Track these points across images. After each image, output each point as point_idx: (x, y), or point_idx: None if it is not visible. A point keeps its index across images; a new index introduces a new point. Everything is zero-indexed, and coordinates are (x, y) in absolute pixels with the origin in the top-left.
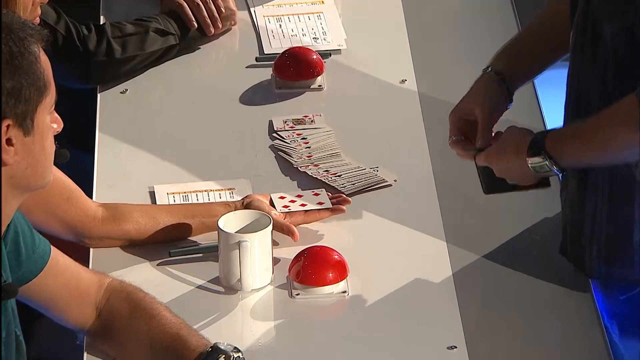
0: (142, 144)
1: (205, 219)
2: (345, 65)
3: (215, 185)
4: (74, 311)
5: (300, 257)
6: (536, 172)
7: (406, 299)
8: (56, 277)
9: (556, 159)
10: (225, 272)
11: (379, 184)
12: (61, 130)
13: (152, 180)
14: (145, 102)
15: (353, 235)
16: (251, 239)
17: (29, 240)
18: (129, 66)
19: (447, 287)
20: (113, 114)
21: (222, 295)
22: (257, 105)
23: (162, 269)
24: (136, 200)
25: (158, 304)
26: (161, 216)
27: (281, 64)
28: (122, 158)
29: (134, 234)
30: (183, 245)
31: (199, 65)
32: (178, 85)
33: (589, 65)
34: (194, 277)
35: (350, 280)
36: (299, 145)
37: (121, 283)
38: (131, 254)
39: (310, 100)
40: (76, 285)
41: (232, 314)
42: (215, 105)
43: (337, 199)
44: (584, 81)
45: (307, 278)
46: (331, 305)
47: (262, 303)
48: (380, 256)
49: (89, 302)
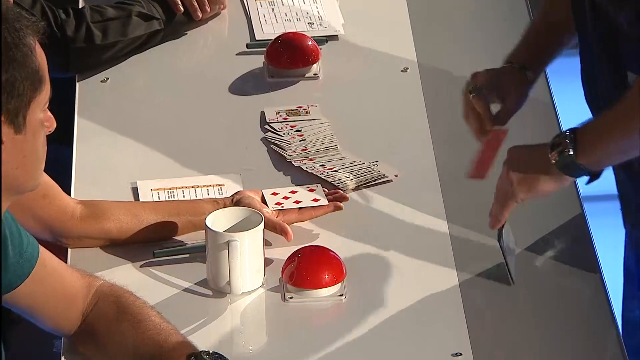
0: (124, 136)
1: (192, 217)
2: (343, 52)
3: (203, 181)
4: (59, 317)
5: (293, 258)
6: (562, 169)
7: (408, 303)
8: (43, 282)
9: (583, 153)
10: (214, 274)
11: (379, 179)
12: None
13: (135, 176)
14: (127, 92)
15: (351, 235)
16: (241, 238)
17: (17, 242)
18: (110, 53)
19: (452, 289)
20: (93, 105)
21: (210, 298)
22: (248, 95)
23: (146, 271)
24: (118, 197)
25: (148, 308)
26: (144, 214)
27: (274, 51)
28: (103, 152)
29: (115, 233)
30: (168, 245)
31: (185, 52)
32: (163, 73)
33: (605, 63)
34: (180, 280)
35: (348, 282)
36: (292, 138)
37: (111, 287)
38: (112, 254)
39: (305, 90)
40: (63, 291)
41: (220, 318)
42: (203, 95)
43: (334, 196)
44: (602, 76)
45: (301, 280)
46: (327, 309)
47: (253, 307)
48: (380, 257)
49: (75, 307)
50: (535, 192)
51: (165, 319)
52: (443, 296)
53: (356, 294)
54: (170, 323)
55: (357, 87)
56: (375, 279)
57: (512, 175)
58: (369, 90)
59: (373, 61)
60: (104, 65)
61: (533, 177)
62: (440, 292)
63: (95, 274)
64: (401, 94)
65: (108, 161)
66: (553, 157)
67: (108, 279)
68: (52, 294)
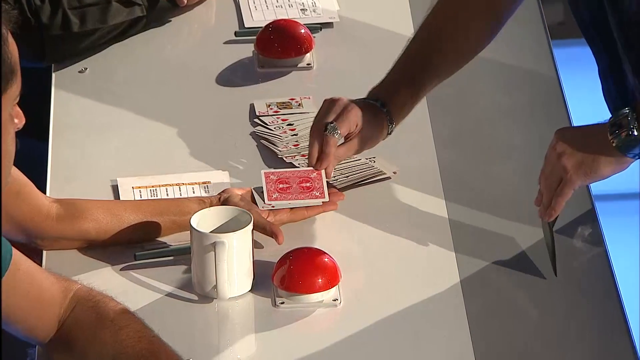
0: (103, 130)
1: (176, 216)
2: (338, 40)
3: (188, 179)
4: (33, 323)
5: (285, 261)
6: (624, 150)
7: (407, 310)
8: (16, 287)
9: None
10: (199, 278)
11: (377, 176)
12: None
13: (115, 173)
14: (107, 83)
15: (346, 236)
16: (229, 239)
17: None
18: (88, 41)
19: (454, 295)
20: (70, 97)
21: (195, 304)
22: (236, 87)
23: (126, 275)
24: (97, 195)
25: (129, 315)
26: (125, 213)
27: (264, 39)
28: (81, 147)
29: (93, 234)
30: (150, 247)
31: (169, 40)
32: (145, 63)
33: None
34: (163, 284)
35: (343, 286)
36: (284, 133)
37: (89, 291)
38: (90, 257)
39: (298, 81)
40: (38, 296)
41: (207, 325)
42: (188, 87)
43: (329, 194)
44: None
45: (293, 284)
46: (321, 315)
47: (242, 313)
48: (377, 259)
49: (51, 314)
50: (594, 177)
51: (147, 326)
52: (445, 302)
53: (352, 299)
54: (153, 330)
55: (353, 78)
56: (373, 283)
57: (566, 160)
58: (366, 82)
59: (370, 50)
60: (81, 54)
61: (591, 161)
62: (442, 298)
63: (73, 277)
64: None
65: (86, 157)
66: (613, 138)
67: (86, 283)
68: (26, 299)
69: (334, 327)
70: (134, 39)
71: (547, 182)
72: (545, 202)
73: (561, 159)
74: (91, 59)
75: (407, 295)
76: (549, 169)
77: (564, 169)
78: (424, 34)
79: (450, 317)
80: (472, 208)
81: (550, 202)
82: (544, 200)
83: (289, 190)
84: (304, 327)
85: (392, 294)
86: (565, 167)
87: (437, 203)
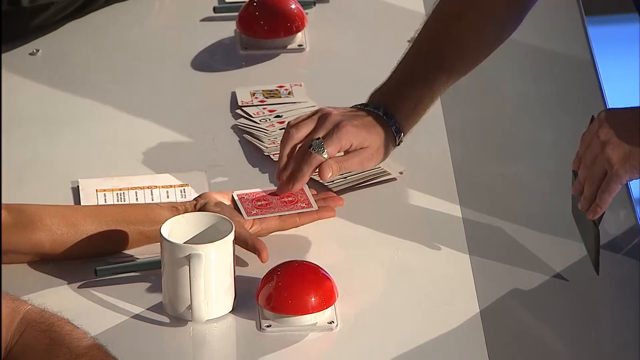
0: (59, 123)
1: (145, 226)
2: (334, 18)
3: (161, 181)
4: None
5: (272, 277)
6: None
7: (414, 335)
8: None
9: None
10: (171, 297)
11: (380, 177)
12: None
13: (76, 173)
14: (63, 67)
15: (344, 247)
16: (206, 251)
17: None
18: (40, 18)
19: (470, 316)
20: (20, 83)
21: (167, 327)
22: (215, 72)
23: (86, 293)
24: (53, 199)
25: (89, 340)
26: (85, 222)
27: (248, 17)
28: (33, 142)
29: (47, 245)
30: (114, 261)
31: (137, 17)
32: (108, 44)
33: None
34: (129, 304)
35: (340, 307)
36: (271, 126)
37: (42, 313)
38: (43, 272)
39: (287, 65)
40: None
41: (180, 352)
42: (160, 73)
43: (324, 198)
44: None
45: (281, 304)
46: (314, 341)
47: (221, 338)
48: (380, 275)
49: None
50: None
51: (110, 354)
52: (459, 323)
53: (350, 322)
54: (117, 359)
55: (351, 62)
56: (374, 303)
57: (611, 151)
58: (366, 66)
59: (372, 29)
60: (33, 33)
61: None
62: (455, 319)
63: (22, 297)
64: None
65: (39, 155)
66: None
67: (37, 303)
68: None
69: (329, 354)
70: (95, 15)
71: (590, 172)
72: (588, 195)
73: (605, 149)
74: (44, 39)
75: (414, 317)
76: (590, 158)
77: (609, 162)
78: (437, 25)
79: (466, 344)
80: (491, 214)
81: (593, 196)
82: (585, 193)
83: (270, 206)
84: (294, 355)
85: (397, 316)
86: (610, 159)
87: (450, 208)
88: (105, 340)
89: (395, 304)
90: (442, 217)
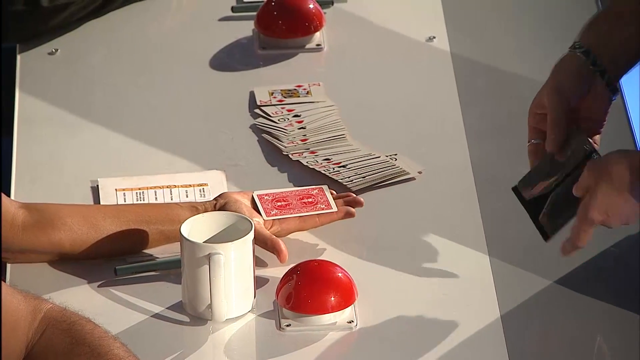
0: (79, 122)
1: (165, 225)
2: (352, 17)
3: (180, 180)
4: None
5: (291, 276)
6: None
7: (434, 334)
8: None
9: None
10: (191, 296)
11: (399, 176)
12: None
13: (95, 172)
14: (82, 67)
15: (363, 247)
16: (226, 250)
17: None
18: (59, 18)
19: (490, 317)
20: (38, 83)
21: (186, 326)
22: (233, 72)
23: (106, 292)
24: (72, 198)
25: (110, 339)
26: (105, 221)
27: (266, 16)
28: (51, 142)
29: (67, 245)
30: (134, 261)
31: (154, 17)
32: (127, 44)
33: None
34: (149, 303)
35: (360, 306)
36: (290, 126)
37: (63, 312)
38: (64, 272)
39: (305, 65)
40: (2, 317)
41: (200, 351)
42: (178, 72)
43: (345, 199)
44: None
45: (301, 304)
46: (333, 340)
47: (241, 337)
48: (400, 275)
49: (17, 337)
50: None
51: (130, 352)
52: (478, 324)
53: (370, 321)
54: (138, 358)
55: (370, 62)
56: (394, 302)
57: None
58: (385, 66)
59: (390, 29)
60: (51, 33)
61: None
62: (474, 320)
63: (43, 296)
64: (426, 70)
65: (58, 154)
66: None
67: (59, 302)
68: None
69: (349, 353)
70: (113, 15)
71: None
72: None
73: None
74: (63, 39)
75: (434, 317)
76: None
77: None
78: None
79: (486, 345)
80: (511, 215)
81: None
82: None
83: (289, 207)
84: (313, 354)
85: (416, 316)
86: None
87: (469, 208)
88: (125, 339)
89: (414, 304)
90: (461, 217)
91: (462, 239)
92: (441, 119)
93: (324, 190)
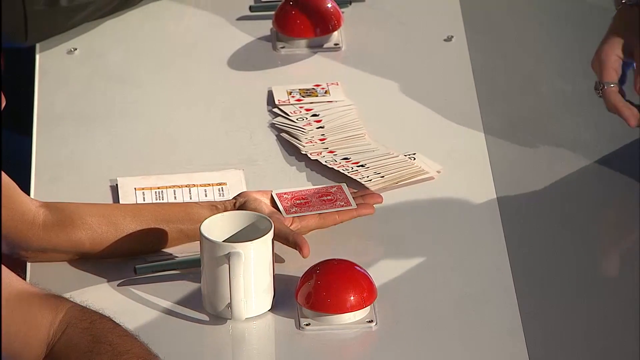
0: (98, 121)
1: (184, 224)
2: (371, 16)
3: (199, 179)
4: (18, 349)
5: (311, 275)
6: None
7: (453, 332)
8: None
9: None
10: (211, 295)
11: (417, 176)
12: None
13: (114, 172)
14: (101, 66)
15: (383, 246)
16: (245, 249)
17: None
18: (78, 17)
19: (510, 316)
20: (57, 82)
21: (206, 325)
22: (252, 71)
23: (126, 291)
24: (91, 198)
25: (131, 338)
26: (124, 220)
27: (284, 15)
28: (71, 141)
29: (87, 244)
30: (154, 260)
31: (173, 16)
32: (145, 43)
33: None
34: (169, 302)
35: (379, 305)
36: (308, 125)
37: (83, 310)
38: (84, 270)
39: (324, 64)
40: (23, 316)
41: (219, 350)
42: (196, 71)
43: (363, 196)
44: None
45: (320, 303)
46: (353, 339)
47: (260, 336)
48: (419, 273)
49: (39, 337)
50: None
51: (151, 351)
52: (498, 323)
53: (389, 320)
54: (158, 356)
55: (389, 61)
56: (414, 301)
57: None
58: (403, 65)
59: (408, 28)
60: (71, 32)
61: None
62: (494, 319)
63: (63, 294)
64: (444, 69)
65: (78, 153)
66: None
67: (79, 300)
68: (9, 319)
69: (369, 353)
70: (132, 14)
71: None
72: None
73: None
74: (82, 38)
75: (453, 317)
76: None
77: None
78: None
79: (505, 344)
80: (529, 214)
81: None
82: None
83: (309, 204)
84: (333, 353)
85: (436, 315)
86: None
87: (488, 207)
88: (145, 338)
89: (434, 303)
90: (480, 216)
91: (481, 237)
92: (459, 118)
93: (343, 188)
